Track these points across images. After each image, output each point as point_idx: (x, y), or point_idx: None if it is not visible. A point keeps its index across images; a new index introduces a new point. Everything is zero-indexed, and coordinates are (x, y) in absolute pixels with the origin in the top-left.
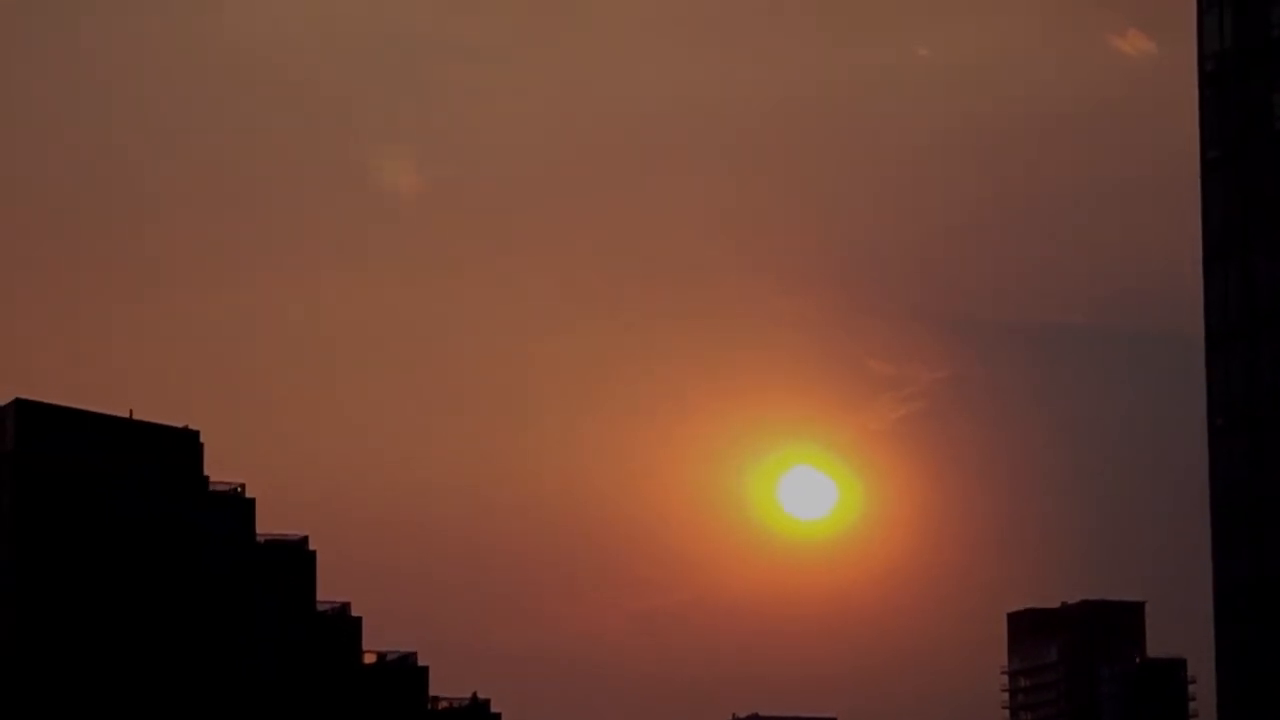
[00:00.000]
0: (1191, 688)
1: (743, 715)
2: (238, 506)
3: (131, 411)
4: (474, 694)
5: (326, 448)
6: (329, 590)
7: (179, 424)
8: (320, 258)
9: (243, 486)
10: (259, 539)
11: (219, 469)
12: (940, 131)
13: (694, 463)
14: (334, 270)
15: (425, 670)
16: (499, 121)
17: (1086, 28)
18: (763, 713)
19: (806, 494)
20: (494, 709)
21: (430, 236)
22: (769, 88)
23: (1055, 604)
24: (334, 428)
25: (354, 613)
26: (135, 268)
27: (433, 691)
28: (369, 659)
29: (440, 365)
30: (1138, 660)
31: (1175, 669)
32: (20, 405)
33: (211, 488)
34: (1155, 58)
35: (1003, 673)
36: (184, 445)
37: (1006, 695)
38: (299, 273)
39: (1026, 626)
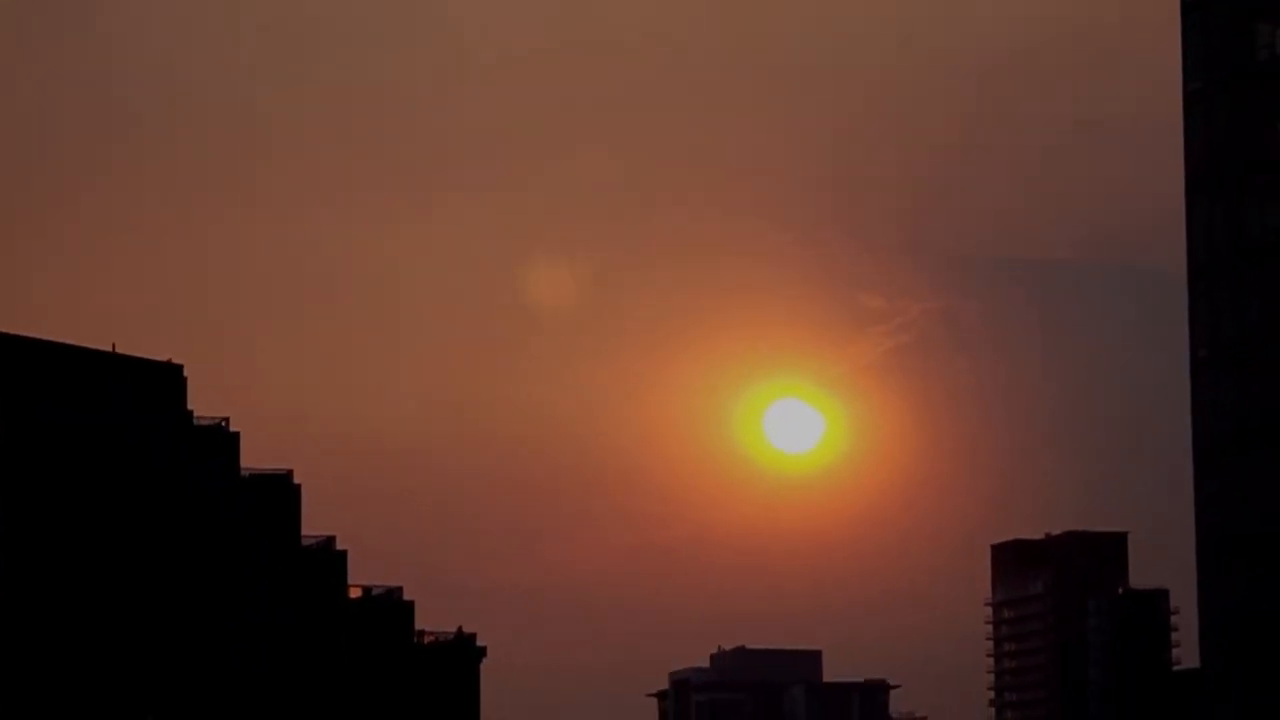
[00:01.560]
0: (1173, 618)
1: (728, 648)
2: (222, 440)
3: (114, 345)
4: (459, 628)
5: (312, 382)
6: (314, 525)
7: (162, 358)
8: (304, 190)
9: (227, 420)
10: (243, 473)
11: (203, 403)
12: (926, 64)
13: (681, 396)
14: (319, 203)
15: (411, 605)
16: (486, 51)
17: None
18: (749, 645)
19: (793, 427)
20: (480, 643)
21: (415, 169)
22: (752, 22)
23: (1040, 535)
24: (319, 361)
25: (339, 547)
26: (118, 200)
27: (419, 626)
28: (354, 593)
29: (426, 299)
30: (1120, 591)
31: (1158, 599)
32: None
33: (195, 422)
34: None
35: (987, 604)
36: (167, 379)
37: (990, 627)
38: (286, 207)
39: (1011, 558)
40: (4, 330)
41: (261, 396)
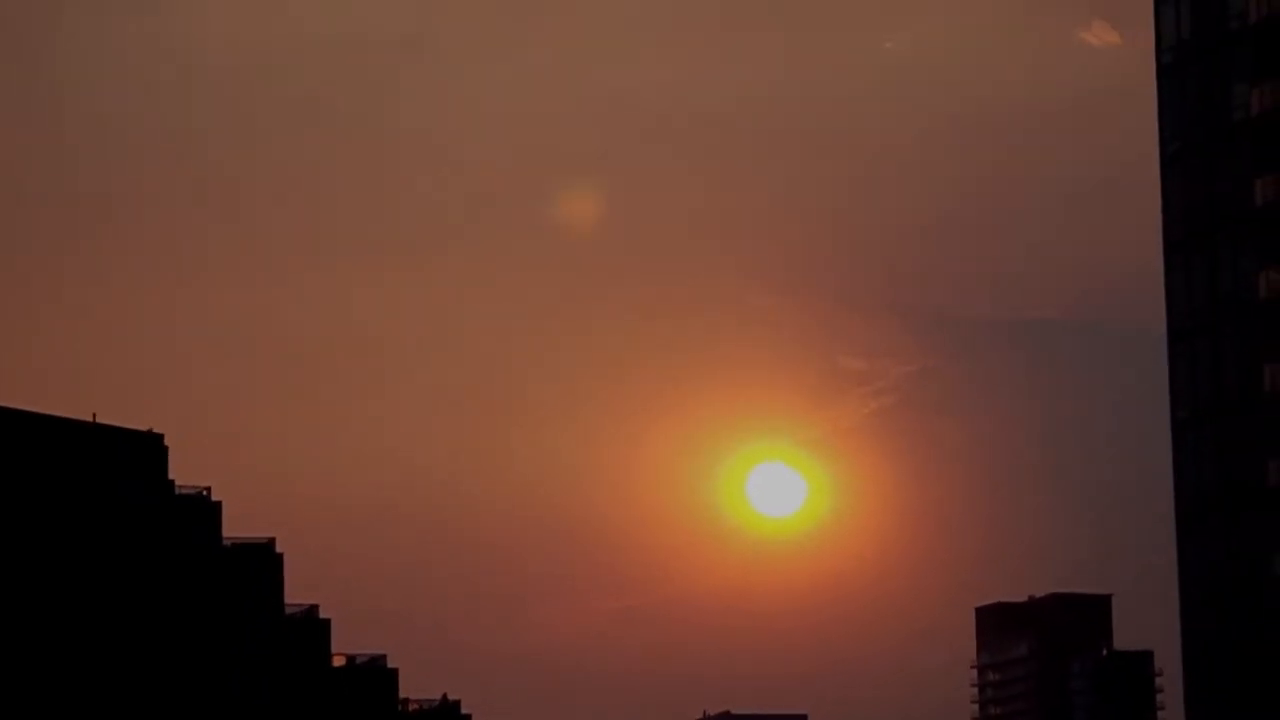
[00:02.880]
0: (1158, 680)
1: (714, 713)
2: (204, 510)
3: (95, 415)
4: (444, 695)
5: (293, 450)
6: (297, 593)
7: (143, 427)
8: (286, 259)
9: (208, 490)
10: (225, 542)
11: (184, 472)
12: (908, 127)
13: (664, 461)
14: (300, 271)
15: (395, 672)
16: (471, 120)
17: (1052, 20)
18: (735, 710)
19: (776, 491)
20: (465, 710)
21: (400, 236)
22: (737, 85)
23: (1023, 598)
24: (300, 429)
25: (322, 615)
26: (98, 271)
27: (403, 693)
28: (338, 661)
29: (408, 366)
30: (1105, 653)
31: (1143, 661)
32: None
33: (177, 491)
34: (1120, 50)
35: (972, 667)
36: (148, 448)
37: (976, 690)
38: (263, 274)
39: (995, 621)
40: None
41: (243, 465)
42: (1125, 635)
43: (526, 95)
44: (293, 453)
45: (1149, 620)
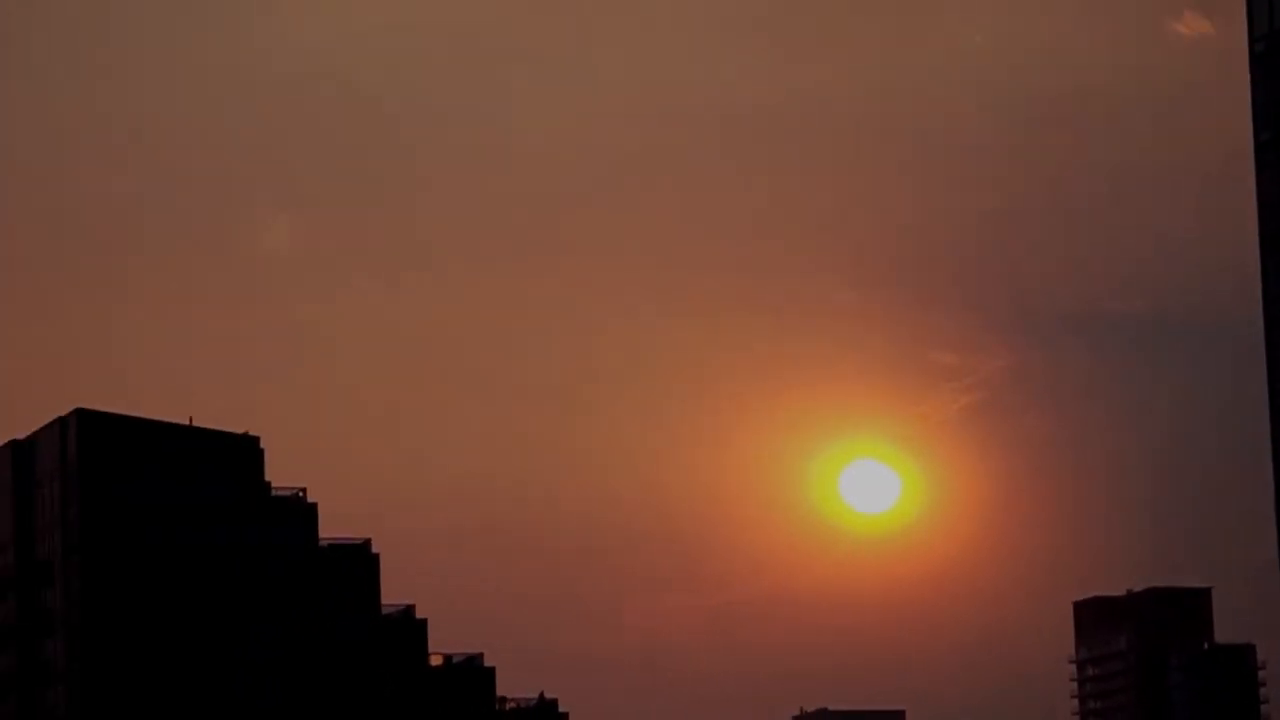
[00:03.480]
0: (1261, 673)
1: (810, 710)
2: (300, 512)
3: (192, 419)
4: (541, 694)
5: (388, 450)
6: (393, 593)
7: (239, 430)
8: (378, 262)
9: (304, 491)
10: (322, 544)
11: (280, 475)
12: (997, 119)
13: (755, 459)
14: (394, 273)
15: (492, 671)
16: (556, 119)
17: (1142, 10)
18: (831, 706)
19: (869, 487)
20: (561, 708)
21: (489, 237)
22: (824, 81)
23: (1121, 592)
24: (395, 430)
25: (419, 615)
26: (195, 275)
27: (500, 692)
28: (435, 661)
29: (502, 365)
30: (1206, 646)
31: (1244, 654)
32: (81, 415)
33: (273, 494)
34: (1212, 39)
35: (1070, 662)
36: (245, 451)
37: (1074, 685)
38: (358, 277)
39: (1093, 615)
40: (84, 406)
41: (339, 466)
42: (1226, 629)
43: (599, 95)
44: (388, 453)
45: (1250, 613)
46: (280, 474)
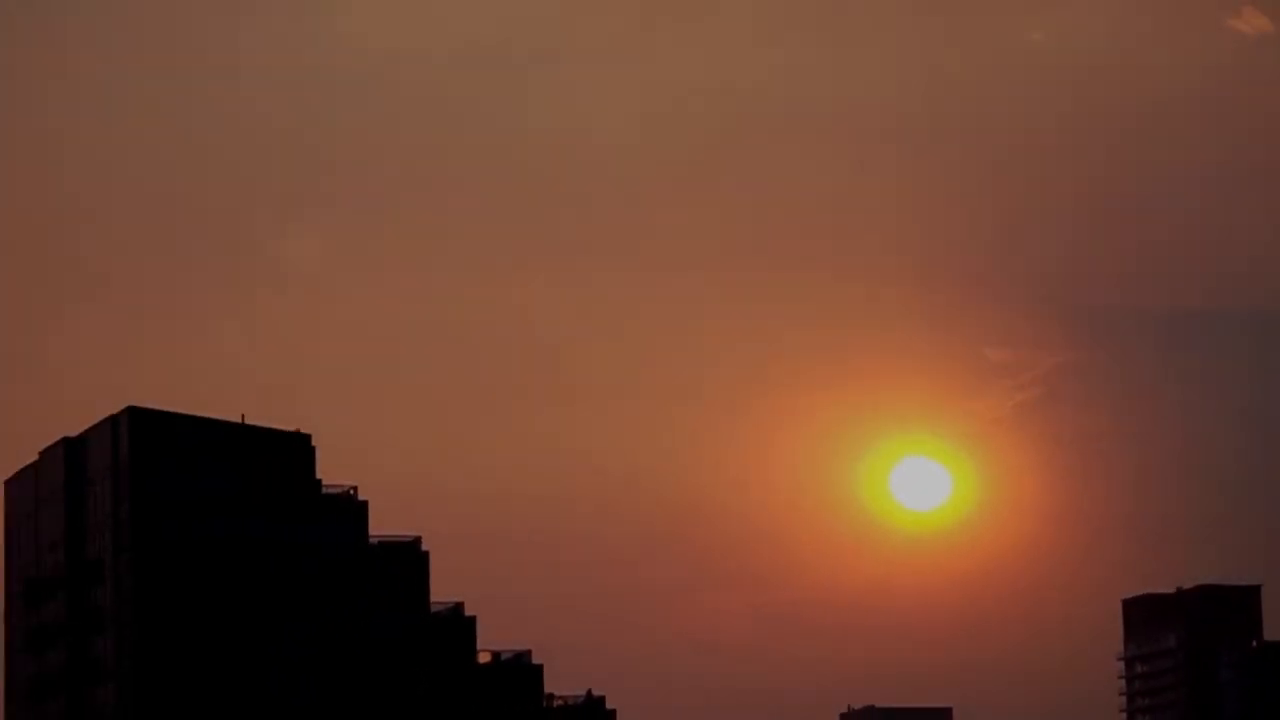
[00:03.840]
0: None
1: (858, 707)
2: (350, 509)
3: (244, 416)
4: (589, 691)
5: (438, 449)
6: (443, 591)
7: (290, 428)
8: (429, 259)
9: (355, 489)
10: (372, 541)
11: (331, 472)
12: (1053, 116)
13: (806, 455)
14: (445, 270)
15: (540, 668)
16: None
17: (1201, 7)
18: (879, 704)
19: (920, 485)
20: (609, 706)
21: (537, 234)
22: (881, 76)
23: (1171, 589)
24: (444, 428)
25: (468, 613)
26: (244, 273)
27: (548, 689)
28: (484, 658)
29: (551, 365)
30: (1255, 644)
31: None
32: (133, 413)
33: (324, 491)
34: (1273, 36)
35: (1119, 660)
36: (296, 449)
37: (1123, 683)
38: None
39: (1143, 613)
40: (136, 404)
41: (389, 464)
42: (1275, 626)
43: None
44: (438, 452)
45: None
46: (331, 472)
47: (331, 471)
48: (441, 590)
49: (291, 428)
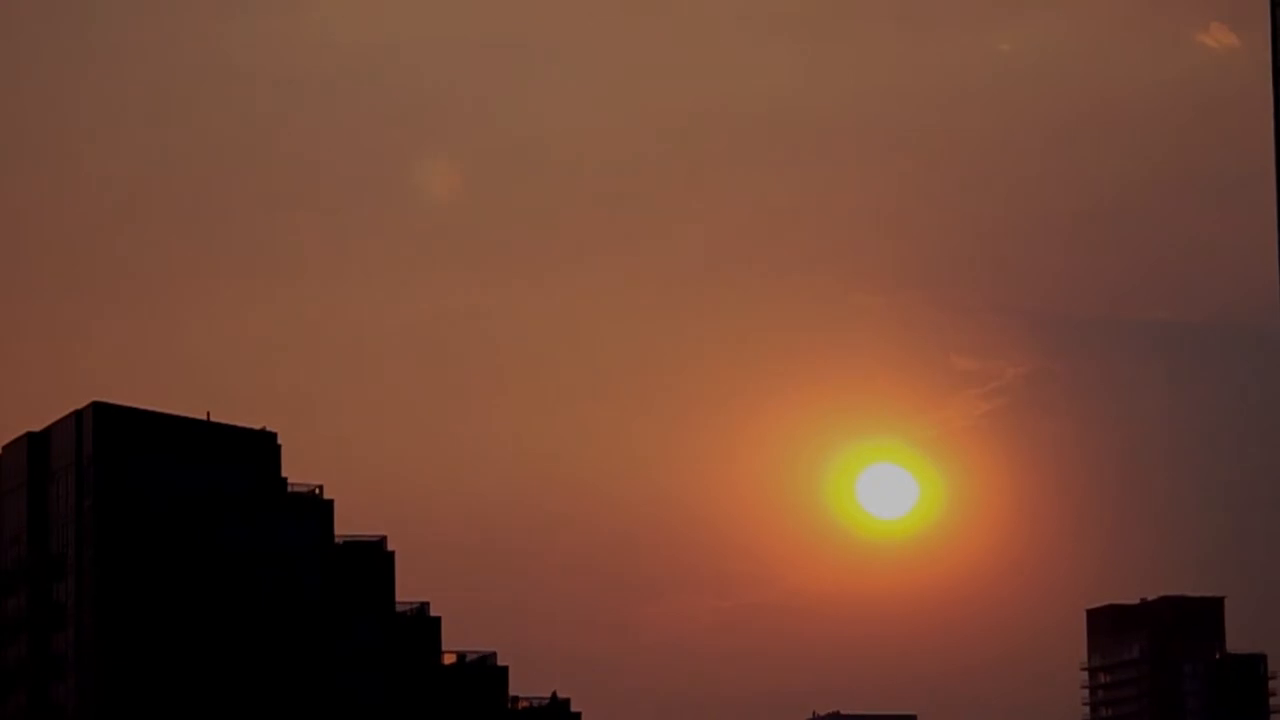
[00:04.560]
0: (1272, 683)
1: (823, 714)
2: (316, 508)
3: (209, 414)
4: (554, 693)
5: (405, 448)
6: (408, 591)
7: (256, 426)
8: (395, 257)
9: (320, 488)
10: (337, 540)
11: (297, 471)
12: (1023, 127)
13: (772, 461)
14: (410, 269)
15: (505, 670)
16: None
17: (1168, 22)
18: (844, 710)
19: (886, 492)
20: (574, 709)
21: (501, 238)
22: (845, 84)
23: (1135, 600)
24: (411, 428)
25: (433, 613)
26: (210, 270)
27: (512, 691)
28: (448, 659)
29: (514, 365)
30: (1217, 655)
31: (1256, 664)
32: (98, 408)
33: (289, 489)
34: (1238, 51)
35: (1083, 669)
36: (261, 447)
37: (1086, 692)
38: (374, 273)
39: (1106, 623)
40: (101, 399)
41: (354, 464)
42: (1238, 638)
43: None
44: (404, 452)
45: (1262, 623)
46: (297, 470)
47: (297, 470)
48: (407, 590)
49: (257, 425)
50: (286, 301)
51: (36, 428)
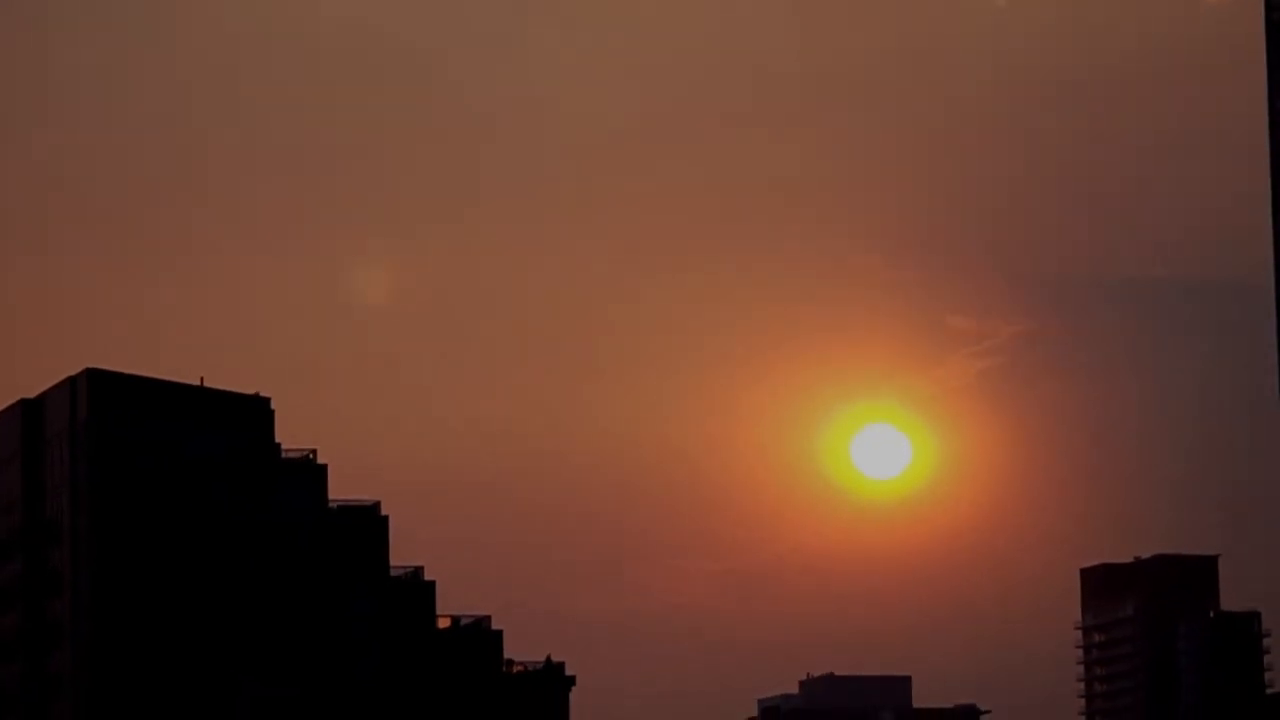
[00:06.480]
0: (1266, 640)
1: (817, 674)
2: (310, 473)
3: (203, 379)
4: (548, 657)
5: (398, 413)
6: (402, 555)
7: (250, 391)
8: (388, 221)
9: (314, 453)
10: (331, 505)
11: (290, 436)
12: (1014, 83)
13: (767, 422)
14: (402, 234)
15: (499, 634)
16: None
17: None
18: (838, 672)
19: (881, 452)
20: (568, 672)
21: (496, 198)
22: (842, 45)
23: (1129, 559)
24: (404, 393)
25: (427, 577)
26: (204, 235)
27: (507, 655)
28: (443, 623)
29: (509, 326)
30: (1211, 614)
31: (1250, 622)
32: (92, 375)
33: (283, 455)
34: (1231, 6)
35: (1077, 628)
36: (255, 412)
37: (1080, 651)
38: (366, 238)
39: (1100, 582)
40: (95, 366)
41: (349, 428)
42: (1232, 596)
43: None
44: (398, 416)
45: (1256, 581)
46: (291, 435)
47: (290, 435)
48: (401, 555)
49: (251, 391)
50: (279, 268)
51: (31, 394)
